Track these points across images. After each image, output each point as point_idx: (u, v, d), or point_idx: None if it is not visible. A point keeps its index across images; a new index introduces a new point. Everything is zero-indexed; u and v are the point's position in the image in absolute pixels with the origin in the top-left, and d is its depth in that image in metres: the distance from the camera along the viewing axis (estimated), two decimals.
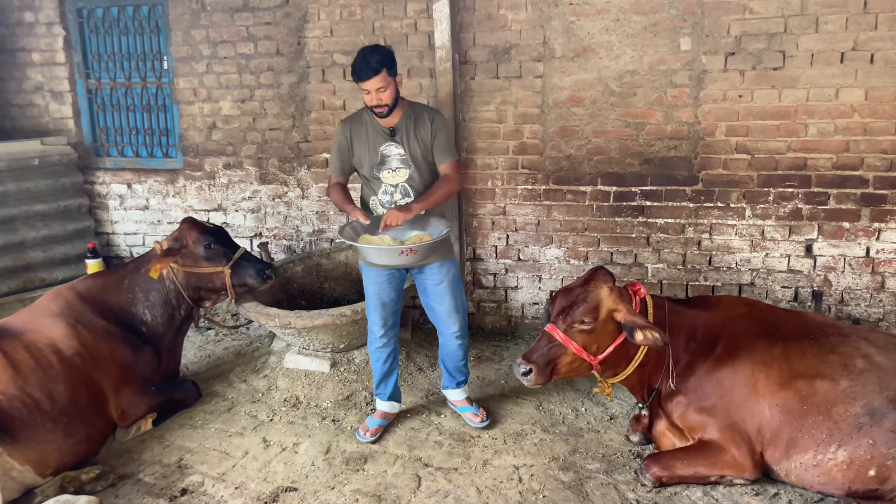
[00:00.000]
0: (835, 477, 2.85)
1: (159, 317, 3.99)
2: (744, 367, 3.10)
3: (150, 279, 3.95)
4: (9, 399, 3.14)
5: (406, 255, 3.16)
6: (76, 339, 3.54)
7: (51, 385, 3.30)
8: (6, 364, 3.24)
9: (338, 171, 3.58)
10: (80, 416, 3.37)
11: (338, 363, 4.33)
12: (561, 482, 3.23)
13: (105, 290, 3.91)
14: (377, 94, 3.30)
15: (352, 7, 4.97)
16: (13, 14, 5.64)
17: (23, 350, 3.34)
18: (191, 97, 5.46)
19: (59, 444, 3.24)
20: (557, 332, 3.05)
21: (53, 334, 3.51)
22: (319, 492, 3.21)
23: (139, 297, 3.97)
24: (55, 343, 3.47)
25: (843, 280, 4.48)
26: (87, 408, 3.43)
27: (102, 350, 3.63)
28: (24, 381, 3.23)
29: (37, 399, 3.22)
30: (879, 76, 4.17)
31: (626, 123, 4.62)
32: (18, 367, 3.26)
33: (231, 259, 4.04)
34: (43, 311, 3.67)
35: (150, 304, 3.97)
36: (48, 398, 3.26)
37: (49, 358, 3.38)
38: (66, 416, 3.29)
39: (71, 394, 3.35)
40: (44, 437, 3.19)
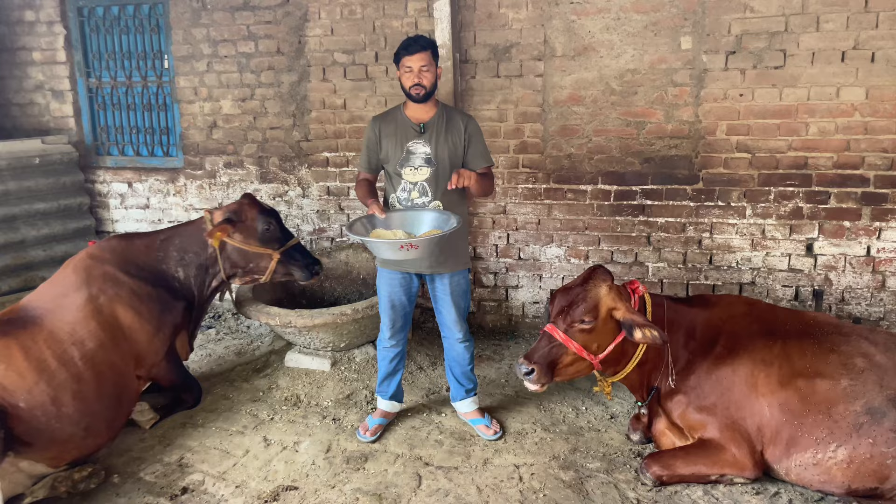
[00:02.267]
0: (835, 476, 2.85)
1: (192, 277, 3.95)
2: (744, 366, 3.10)
3: (188, 242, 3.93)
4: (29, 407, 3.07)
5: (407, 248, 3.04)
6: (99, 319, 3.46)
7: (73, 385, 3.23)
8: (27, 366, 3.14)
9: (365, 167, 3.59)
10: (102, 411, 3.33)
11: (338, 362, 4.33)
12: (561, 481, 3.23)
13: (131, 251, 3.84)
14: (420, 72, 3.31)
15: (352, 6, 4.97)
16: (14, 13, 5.64)
17: (44, 345, 3.26)
18: (191, 96, 5.47)
19: (77, 442, 3.21)
20: (558, 332, 3.05)
21: (75, 318, 3.40)
22: (320, 490, 3.21)
23: (172, 256, 3.91)
24: (77, 332, 3.37)
25: (843, 279, 4.48)
26: (109, 401, 3.37)
27: (127, 320, 3.57)
28: (47, 383, 3.15)
29: (59, 402, 3.15)
30: (880, 75, 4.16)
31: (627, 122, 4.62)
32: (40, 368, 3.17)
33: (283, 245, 3.98)
34: (63, 287, 3.55)
35: (185, 264, 3.93)
36: (71, 399, 3.19)
37: (71, 353, 3.30)
38: (87, 416, 3.24)
39: (93, 391, 3.30)
40: (62, 438, 3.15)
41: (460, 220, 3.23)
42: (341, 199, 5.33)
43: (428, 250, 3.13)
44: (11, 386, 3.06)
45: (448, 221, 3.24)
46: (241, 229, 3.93)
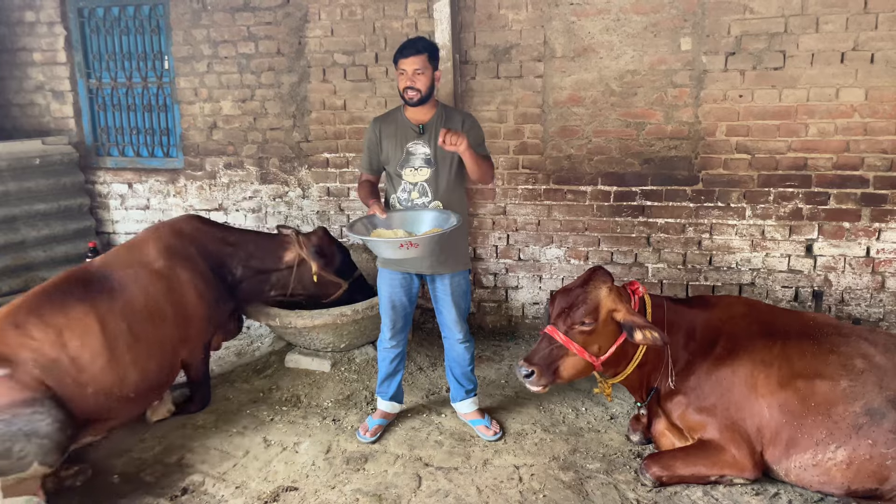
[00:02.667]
0: (834, 476, 2.86)
1: (248, 278, 4.11)
2: (743, 367, 3.11)
3: (261, 252, 4.13)
4: (96, 392, 3.17)
5: (406, 247, 3.04)
6: (171, 297, 3.60)
7: (140, 362, 3.35)
8: (103, 342, 3.22)
9: (366, 168, 3.61)
10: (154, 388, 3.49)
11: (338, 363, 4.33)
12: (561, 482, 3.23)
13: (209, 235, 4.00)
14: (413, 75, 3.30)
15: (352, 7, 4.97)
16: (14, 13, 5.65)
17: (121, 317, 3.35)
18: (191, 97, 5.47)
19: (125, 415, 3.37)
20: (558, 334, 3.05)
21: (152, 292, 3.53)
22: (320, 491, 3.21)
23: (239, 256, 4.07)
24: (150, 306, 3.50)
25: (843, 280, 4.49)
26: (161, 376, 3.53)
27: (192, 301, 3.71)
28: (117, 363, 3.26)
29: (124, 383, 3.27)
30: (880, 76, 4.17)
31: (627, 123, 4.63)
32: (113, 347, 3.26)
33: (351, 277, 4.37)
34: (143, 255, 3.67)
35: (245, 267, 4.09)
36: (134, 377, 3.32)
37: (143, 329, 3.41)
38: (143, 393, 3.39)
39: (154, 368, 3.44)
40: (115, 415, 3.30)
41: (460, 219, 3.23)
42: (341, 200, 5.33)
43: (428, 249, 3.13)
44: (84, 367, 3.15)
45: (448, 220, 3.24)
46: (321, 255, 4.22)
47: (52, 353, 3.09)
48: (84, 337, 3.19)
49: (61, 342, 3.13)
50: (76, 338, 3.17)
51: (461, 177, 3.50)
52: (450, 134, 3.13)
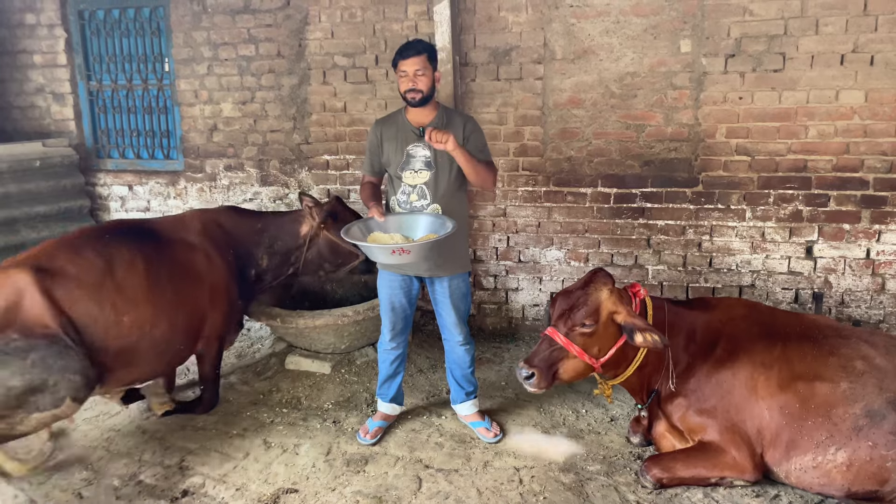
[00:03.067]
0: (834, 478, 2.86)
1: (273, 266, 4.17)
2: (744, 369, 3.11)
3: (283, 232, 4.18)
4: (128, 328, 3.26)
5: (398, 254, 3.06)
6: (204, 269, 3.71)
7: (171, 314, 3.46)
8: (145, 283, 3.36)
9: (368, 170, 3.62)
10: (176, 348, 3.55)
11: (339, 365, 4.33)
12: (561, 484, 3.23)
13: (240, 226, 4.08)
14: (414, 77, 3.31)
15: (352, 9, 4.98)
16: (14, 16, 5.65)
17: (162, 265, 3.50)
18: (192, 99, 5.48)
19: (138, 372, 3.43)
20: (559, 336, 3.05)
21: (191, 257, 3.68)
22: (320, 493, 3.21)
23: (264, 243, 4.13)
24: (189, 267, 3.64)
25: (843, 282, 4.49)
26: (183, 340, 3.59)
27: (220, 285, 3.79)
28: (153, 305, 3.37)
29: (154, 327, 3.36)
30: (879, 78, 4.17)
31: (627, 125, 4.63)
32: (153, 290, 3.38)
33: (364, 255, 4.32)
34: (185, 226, 3.83)
35: (272, 253, 4.15)
36: (164, 327, 3.41)
37: (180, 284, 3.54)
38: (164, 350, 3.46)
39: (182, 327, 3.52)
40: (137, 364, 3.37)
41: (456, 225, 3.23)
42: None
43: (421, 255, 3.15)
44: (121, 304, 3.27)
45: (444, 226, 3.24)
46: (338, 226, 4.14)
47: (88, 290, 3.19)
48: (128, 274, 3.33)
49: (102, 279, 3.25)
50: (120, 273, 3.31)
51: (461, 180, 3.50)
52: (435, 132, 3.14)
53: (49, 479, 3.34)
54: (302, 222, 4.24)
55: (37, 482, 3.31)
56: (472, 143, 3.47)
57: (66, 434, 3.75)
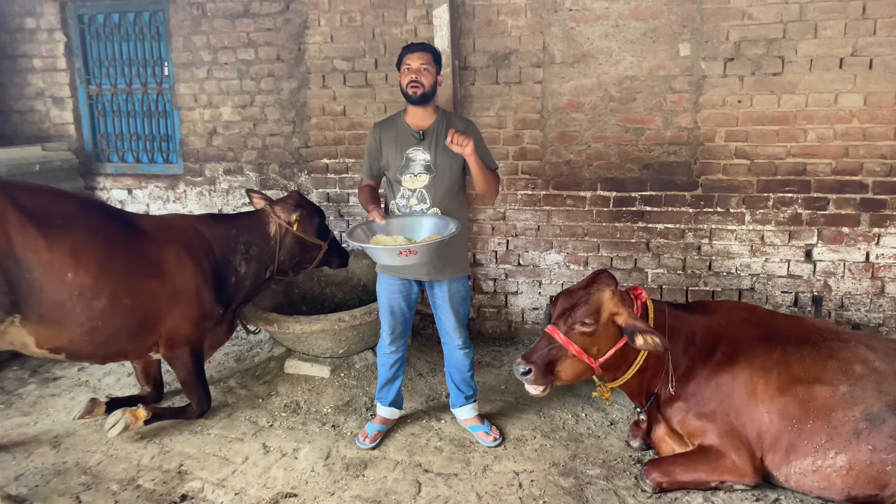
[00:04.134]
0: (834, 482, 2.85)
1: (252, 272, 4.12)
2: (743, 373, 3.10)
3: (254, 235, 4.13)
4: (71, 300, 3.31)
5: (405, 255, 3.04)
6: (173, 268, 3.69)
7: (119, 295, 3.45)
8: (99, 261, 3.39)
9: (367, 173, 3.62)
10: (118, 335, 3.53)
11: (338, 369, 4.33)
12: (561, 488, 3.22)
13: (218, 234, 4.05)
14: (419, 70, 3.32)
15: (352, 13, 4.99)
16: (14, 20, 5.66)
17: (139, 254, 3.58)
18: (191, 103, 5.48)
19: (71, 337, 3.41)
20: (558, 334, 3.05)
21: (157, 252, 3.68)
22: (319, 498, 3.20)
23: (240, 249, 4.08)
24: (152, 259, 3.64)
25: (842, 285, 4.49)
26: (129, 330, 3.56)
27: (187, 288, 3.74)
28: (102, 279, 3.39)
29: (95, 300, 3.37)
30: (878, 81, 4.18)
31: (626, 129, 4.64)
32: (110, 269, 3.42)
33: (328, 238, 4.35)
34: (165, 225, 3.88)
35: (248, 258, 4.10)
36: (108, 305, 3.41)
37: (138, 273, 3.54)
38: (100, 330, 3.44)
39: (129, 313, 3.51)
40: (67, 324, 3.36)
41: (459, 226, 3.23)
42: (341, 206, 5.33)
43: (427, 256, 3.13)
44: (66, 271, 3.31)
45: (447, 227, 3.24)
46: (302, 220, 4.20)
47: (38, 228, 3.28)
48: (87, 237, 3.41)
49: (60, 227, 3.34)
50: (80, 233, 3.39)
51: (461, 184, 3.51)
52: (458, 135, 3.13)
53: (48, 482, 3.34)
54: (268, 222, 4.16)
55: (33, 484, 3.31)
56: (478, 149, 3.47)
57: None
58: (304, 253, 4.26)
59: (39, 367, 4.74)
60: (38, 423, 3.97)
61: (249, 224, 4.16)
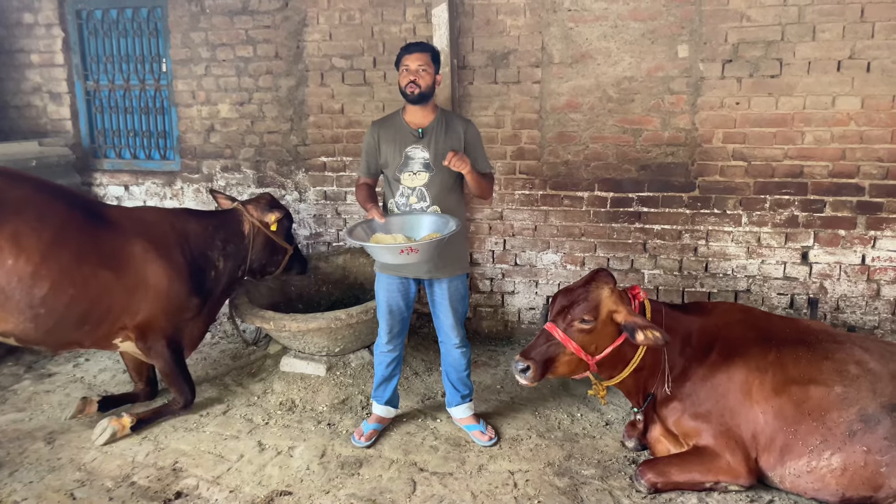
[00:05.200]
0: (829, 483, 2.86)
1: (228, 269, 4.14)
2: (739, 373, 3.11)
3: (230, 233, 4.15)
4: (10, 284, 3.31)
5: (407, 253, 3.04)
6: (139, 259, 3.68)
7: (70, 284, 3.43)
8: (45, 246, 3.37)
9: (364, 172, 3.61)
10: (65, 322, 3.50)
11: (334, 367, 4.32)
12: (556, 488, 3.22)
13: (195, 229, 4.04)
14: (417, 71, 3.32)
15: (351, 11, 4.98)
16: (12, 15, 5.64)
17: (98, 243, 3.57)
18: (189, 99, 5.47)
19: (18, 322, 3.42)
20: (557, 331, 3.05)
21: (122, 244, 3.67)
22: (314, 496, 3.20)
23: (217, 245, 4.09)
24: (114, 249, 3.62)
25: (838, 287, 4.50)
26: (80, 317, 3.53)
27: (156, 281, 3.72)
28: (46, 267, 3.37)
29: (35, 287, 3.36)
30: (876, 84, 4.19)
31: (624, 130, 4.64)
32: (57, 255, 3.39)
33: (293, 243, 4.46)
34: (131, 216, 3.86)
35: (225, 255, 4.12)
36: (50, 291, 3.39)
37: (91, 258, 3.52)
38: (45, 316, 3.43)
39: (80, 302, 3.49)
40: (9, 309, 3.36)
41: (459, 224, 3.23)
42: (338, 204, 5.33)
43: (428, 254, 3.14)
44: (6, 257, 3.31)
45: (447, 225, 3.25)
46: (271, 213, 4.24)
47: None
48: (34, 223, 3.38)
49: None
50: (30, 218, 3.38)
51: (459, 182, 3.51)
52: (455, 158, 3.19)
53: (42, 479, 3.33)
54: (242, 221, 4.20)
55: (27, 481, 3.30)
56: (473, 150, 3.48)
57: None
58: (272, 255, 4.32)
59: (34, 363, 4.73)
60: (33, 419, 3.96)
61: (225, 221, 4.19)
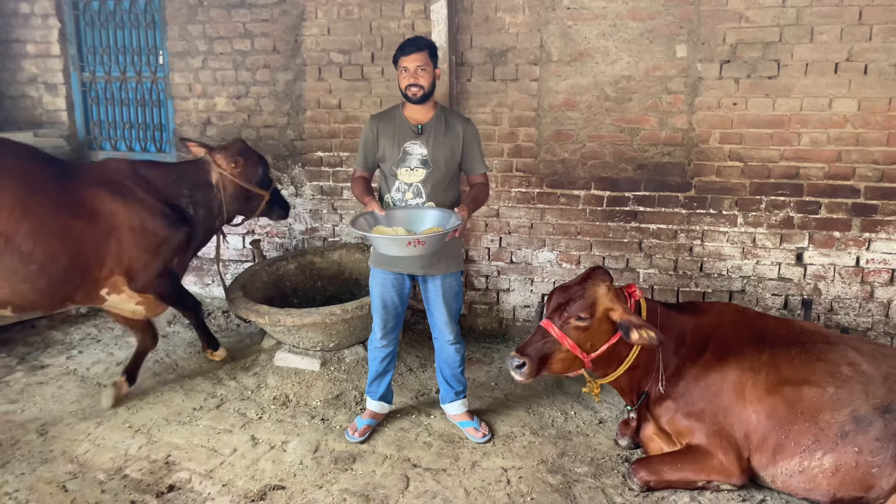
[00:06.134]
0: (820, 483, 2.87)
1: (201, 216, 4.18)
2: (732, 373, 3.12)
3: (198, 181, 4.18)
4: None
5: (414, 245, 3.05)
6: (108, 206, 3.72)
7: (44, 233, 3.48)
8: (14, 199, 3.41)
9: (361, 165, 3.59)
10: (53, 273, 3.54)
11: (328, 362, 4.32)
12: (549, 485, 3.23)
13: (157, 177, 4.06)
14: (416, 72, 3.31)
15: (349, 6, 4.97)
16: (9, 5, 5.61)
17: (66, 198, 3.61)
18: (186, 92, 5.45)
19: (13, 285, 3.47)
20: (553, 328, 3.06)
21: (90, 194, 3.71)
22: (307, 490, 3.20)
23: (184, 193, 4.12)
24: (82, 201, 3.67)
25: (832, 289, 4.51)
26: (57, 265, 3.55)
27: (131, 223, 3.77)
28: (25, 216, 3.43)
29: (18, 241, 3.41)
30: (873, 87, 4.20)
31: (621, 129, 4.64)
32: (34, 205, 3.46)
33: (270, 187, 4.47)
34: (94, 169, 3.95)
35: (194, 202, 4.15)
36: (33, 243, 3.45)
37: (64, 208, 3.57)
38: (36, 265, 3.47)
39: (53, 249, 3.52)
40: (3, 274, 3.42)
41: (461, 218, 3.23)
42: (334, 199, 5.32)
43: (433, 247, 3.13)
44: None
45: (449, 219, 3.25)
46: (243, 171, 4.28)
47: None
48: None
49: None
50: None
51: (456, 179, 3.51)
52: (457, 231, 3.21)
53: (34, 471, 3.32)
54: (209, 170, 4.21)
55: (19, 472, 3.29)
56: (471, 151, 3.47)
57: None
58: (246, 202, 4.36)
59: (27, 354, 4.71)
60: (25, 411, 3.94)
61: (189, 171, 4.21)
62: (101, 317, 5.39)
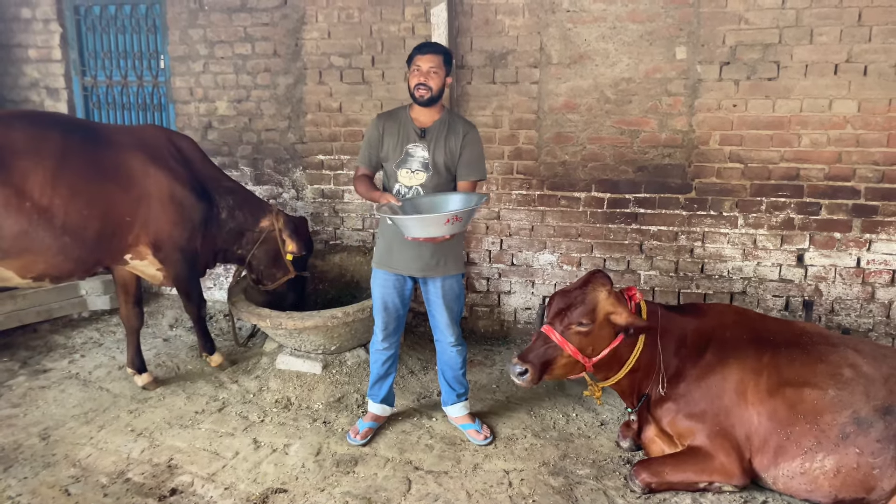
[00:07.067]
0: (821, 485, 2.87)
1: (226, 234, 4.30)
2: (733, 375, 3.12)
3: (249, 207, 4.31)
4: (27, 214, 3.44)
5: (452, 222, 3.04)
6: (140, 172, 3.81)
7: (76, 204, 3.57)
8: (45, 174, 3.47)
9: (364, 163, 3.57)
10: (84, 240, 3.64)
11: (329, 365, 4.33)
12: (551, 487, 3.23)
13: (202, 161, 4.21)
14: (427, 73, 3.31)
15: (350, 10, 4.98)
16: (10, 10, 5.63)
17: (99, 161, 3.69)
18: (187, 97, 5.46)
19: (48, 259, 3.58)
20: (554, 334, 3.06)
21: (123, 159, 3.80)
22: (309, 493, 3.20)
23: (227, 200, 4.26)
24: (116, 165, 3.75)
25: (833, 290, 4.51)
26: (90, 233, 3.66)
27: (161, 192, 3.87)
28: (56, 190, 3.51)
29: (50, 216, 3.50)
30: (872, 88, 4.20)
31: (621, 131, 4.65)
32: (63, 177, 3.53)
33: (300, 272, 4.52)
34: (131, 133, 3.99)
35: (232, 215, 4.28)
36: (65, 214, 3.53)
37: (95, 175, 3.65)
38: (68, 236, 3.57)
39: (84, 218, 3.60)
40: (36, 250, 3.52)
41: (483, 197, 3.27)
42: (335, 202, 5.33)
43: (467, 223, 3.16)
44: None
45: (471, 201, 3.27)
46: (290, 236, 4.35)
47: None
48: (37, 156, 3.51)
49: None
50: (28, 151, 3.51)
51: (455, 183, 3.52)
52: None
53: (36, 475, 3.33)
54: (266, 214, 4.35)
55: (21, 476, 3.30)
56: (468, 154, 3.44)
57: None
58: (272, 266, 4.42)
59: (29, 358, 4.72)
60: (28, 415, 3.95)
61: (249, 198, 4.36)
62: (104, 320, 5.40)
